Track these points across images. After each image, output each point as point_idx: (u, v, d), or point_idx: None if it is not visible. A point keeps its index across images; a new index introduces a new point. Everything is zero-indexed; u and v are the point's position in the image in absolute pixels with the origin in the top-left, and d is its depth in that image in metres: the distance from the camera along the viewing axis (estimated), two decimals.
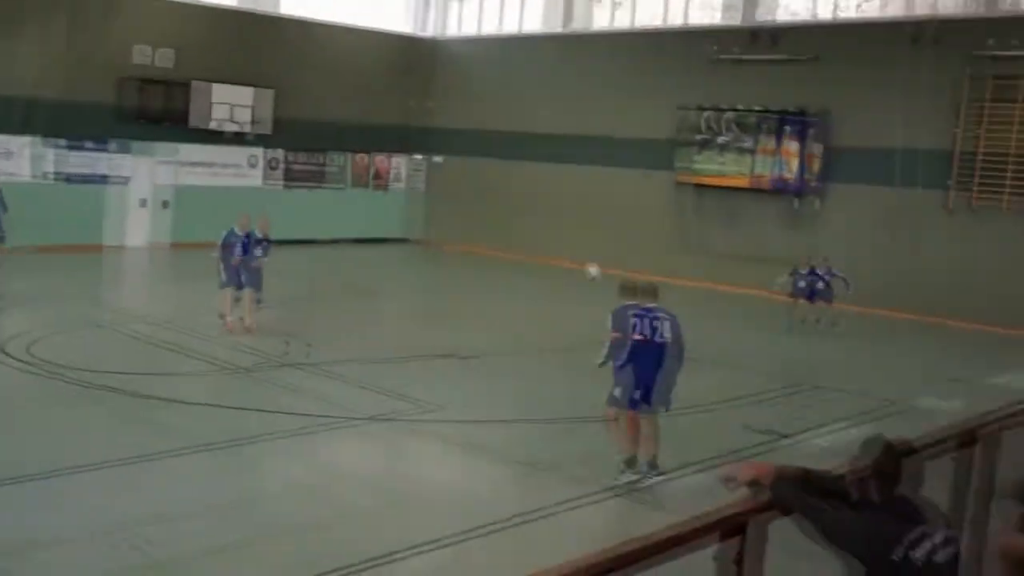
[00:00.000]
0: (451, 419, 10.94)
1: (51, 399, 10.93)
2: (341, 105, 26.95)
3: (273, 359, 13.22)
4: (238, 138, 25.47)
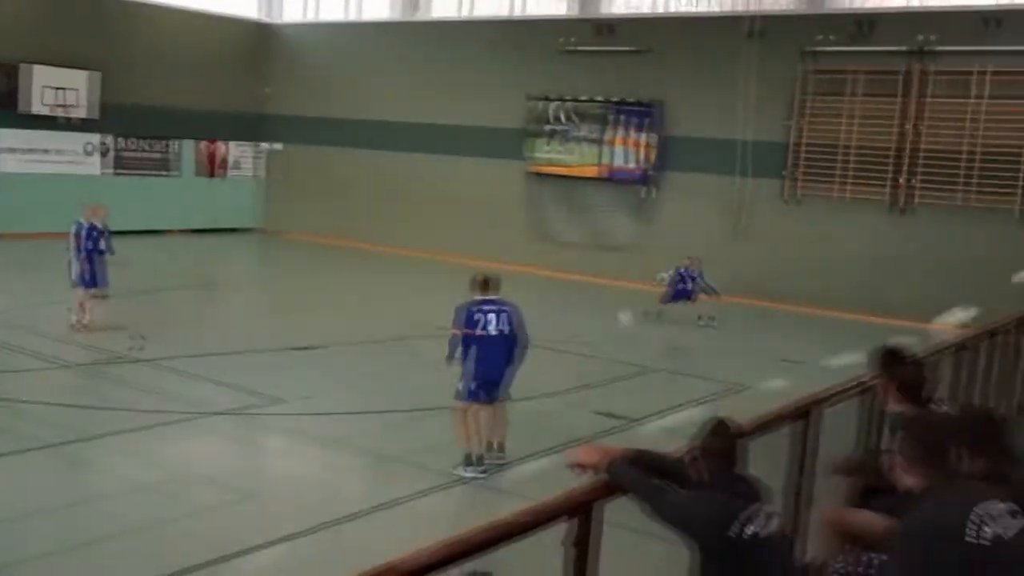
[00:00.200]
0: (297, 412, 10.78)
1: None
2: (176, 90, 25.93)
3: (115, 355, 12.72)
4: (70, 123, 24.29)
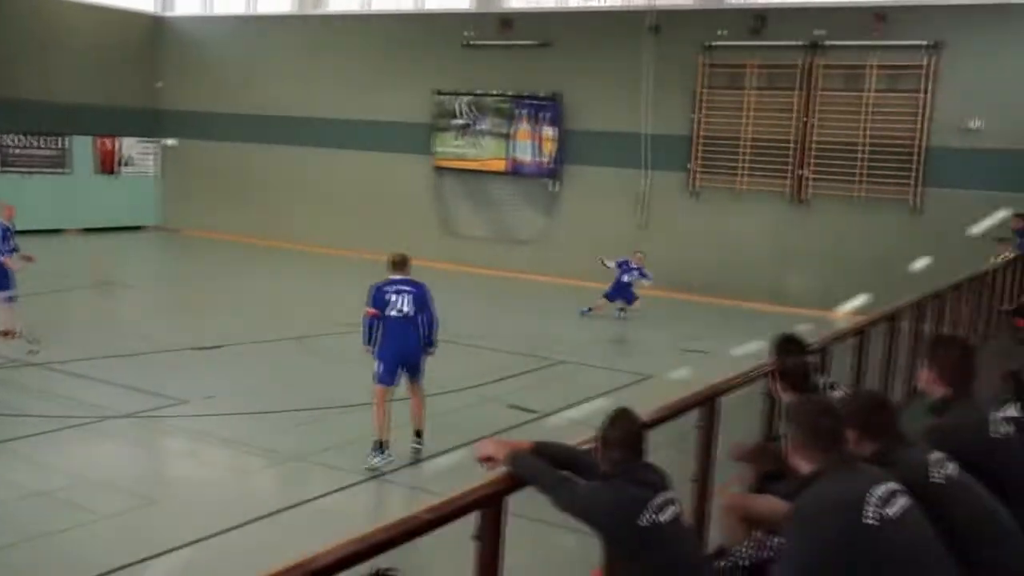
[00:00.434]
0: (200, 413, 10.56)
1: None
2: (67, 85, 25.14)
3: (7, 360, 12.26)
4: None
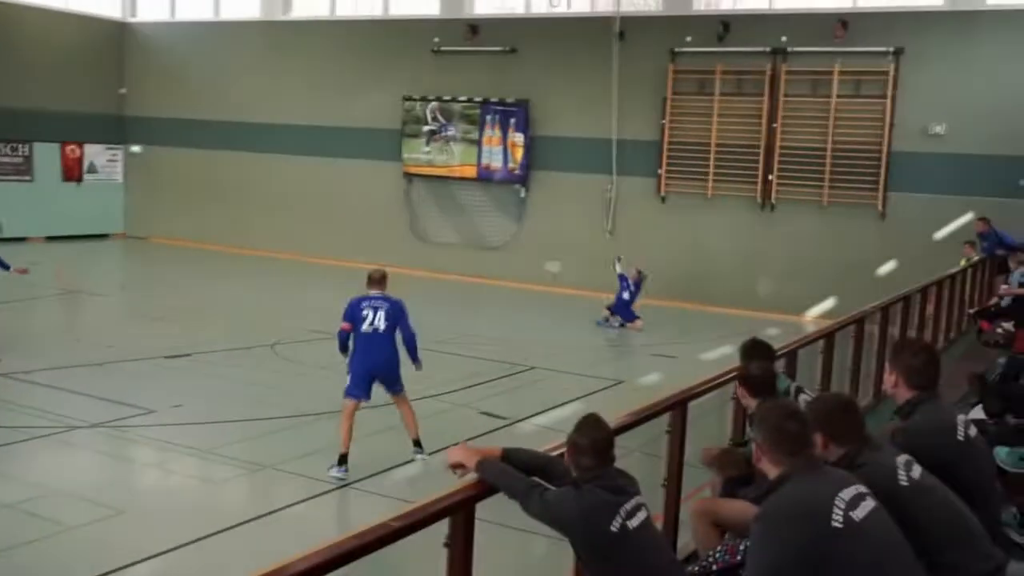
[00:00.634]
0: (168, 422, 10.47)
1: None
2: (29, 91, 24.82)
3: None
4: None
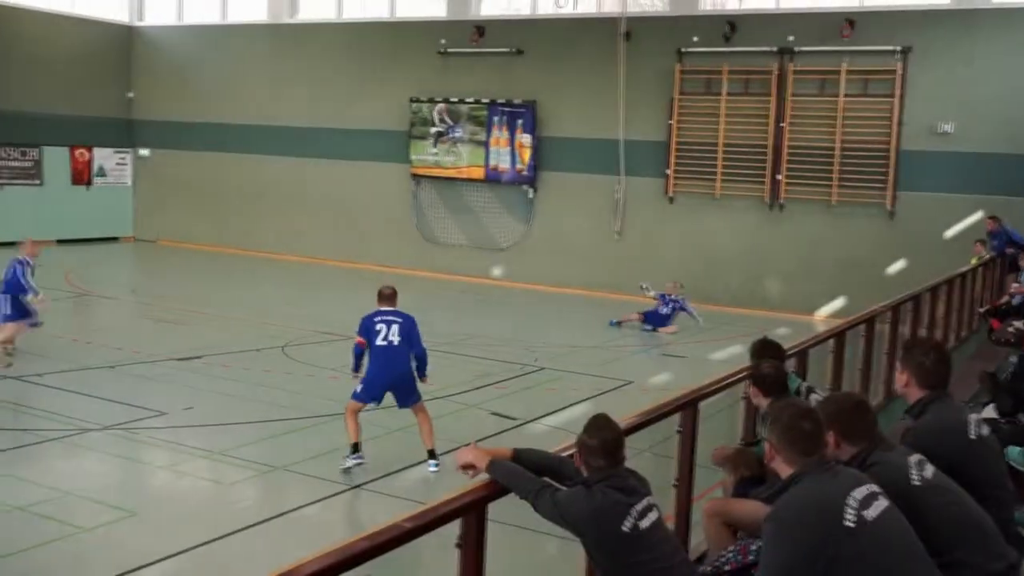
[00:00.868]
0: (179, 424, 10.55)
1: None
2: (39, 95, 25.02)
3: None
4: None
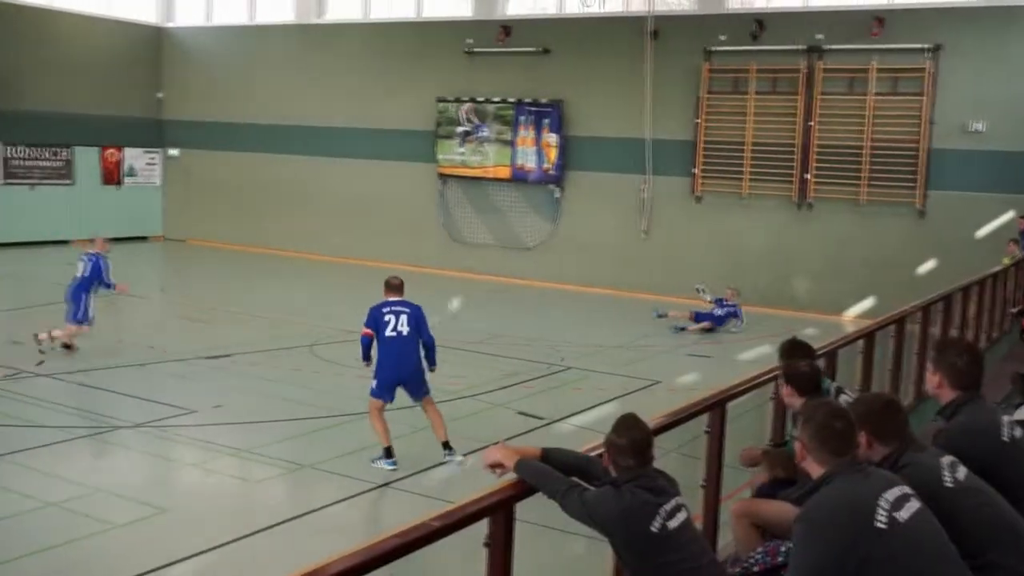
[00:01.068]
0: (209, 422, 10.62)
1: None
2: (71, 96, 25.26)
3: (15, 371, 12.30)
4: None
